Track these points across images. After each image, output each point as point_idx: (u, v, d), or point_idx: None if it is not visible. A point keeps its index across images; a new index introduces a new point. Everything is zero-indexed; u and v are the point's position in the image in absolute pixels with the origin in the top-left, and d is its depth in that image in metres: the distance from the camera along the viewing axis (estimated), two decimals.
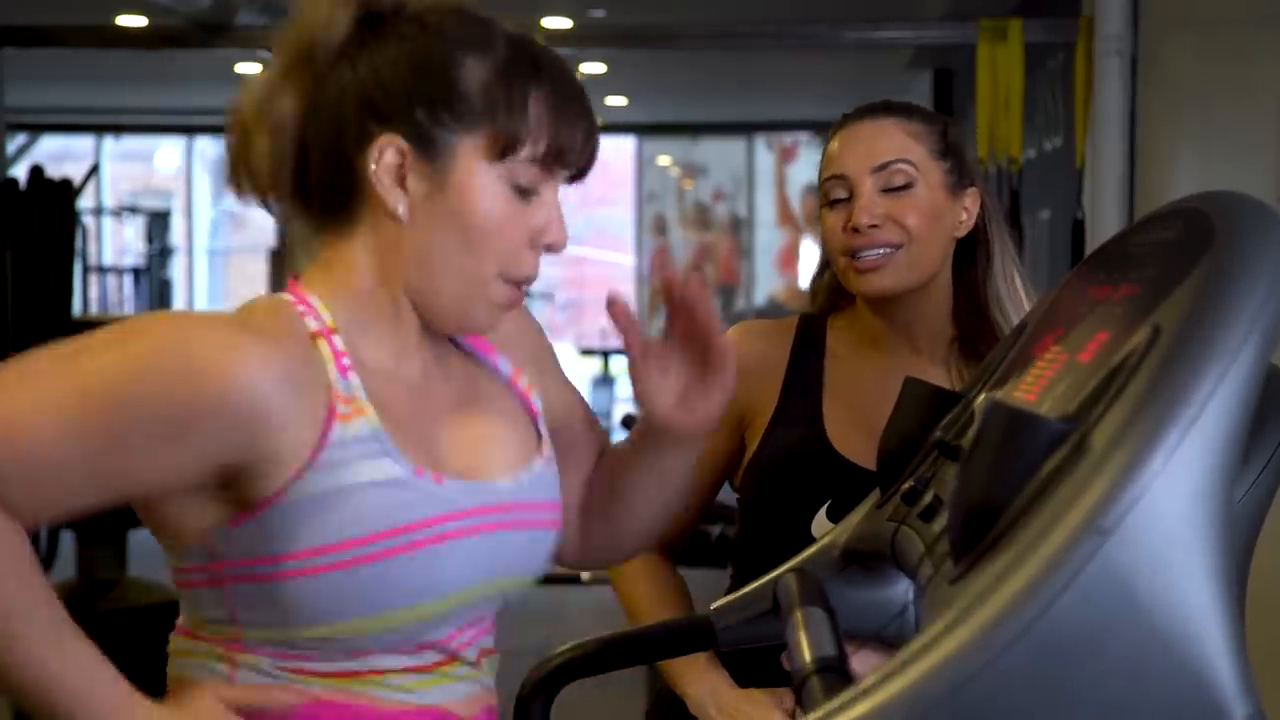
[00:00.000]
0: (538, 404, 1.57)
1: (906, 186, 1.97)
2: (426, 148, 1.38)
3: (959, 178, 2.01)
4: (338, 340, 1.40)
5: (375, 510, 1.36)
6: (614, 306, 1.47)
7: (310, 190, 1.42)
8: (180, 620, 1.46)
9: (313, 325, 1.39)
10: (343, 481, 1.36)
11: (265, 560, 1.35)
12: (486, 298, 1.43)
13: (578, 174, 1.46)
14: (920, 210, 1.97)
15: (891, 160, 1.98)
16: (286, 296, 1.42)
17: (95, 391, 1.29)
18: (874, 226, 1.96)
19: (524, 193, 1.41)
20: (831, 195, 2.01)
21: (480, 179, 1.39)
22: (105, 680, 1.32)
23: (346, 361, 1.40)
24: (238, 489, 1.35)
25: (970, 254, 2.03)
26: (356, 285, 1.43)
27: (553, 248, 1.44)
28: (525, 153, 1.40)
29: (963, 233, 2.02)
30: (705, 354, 1.52)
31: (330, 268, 1.44)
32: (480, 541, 1.43)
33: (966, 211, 2.02)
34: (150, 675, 1.46)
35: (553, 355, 1.67)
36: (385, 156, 1.38)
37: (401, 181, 1.39)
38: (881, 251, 1.96)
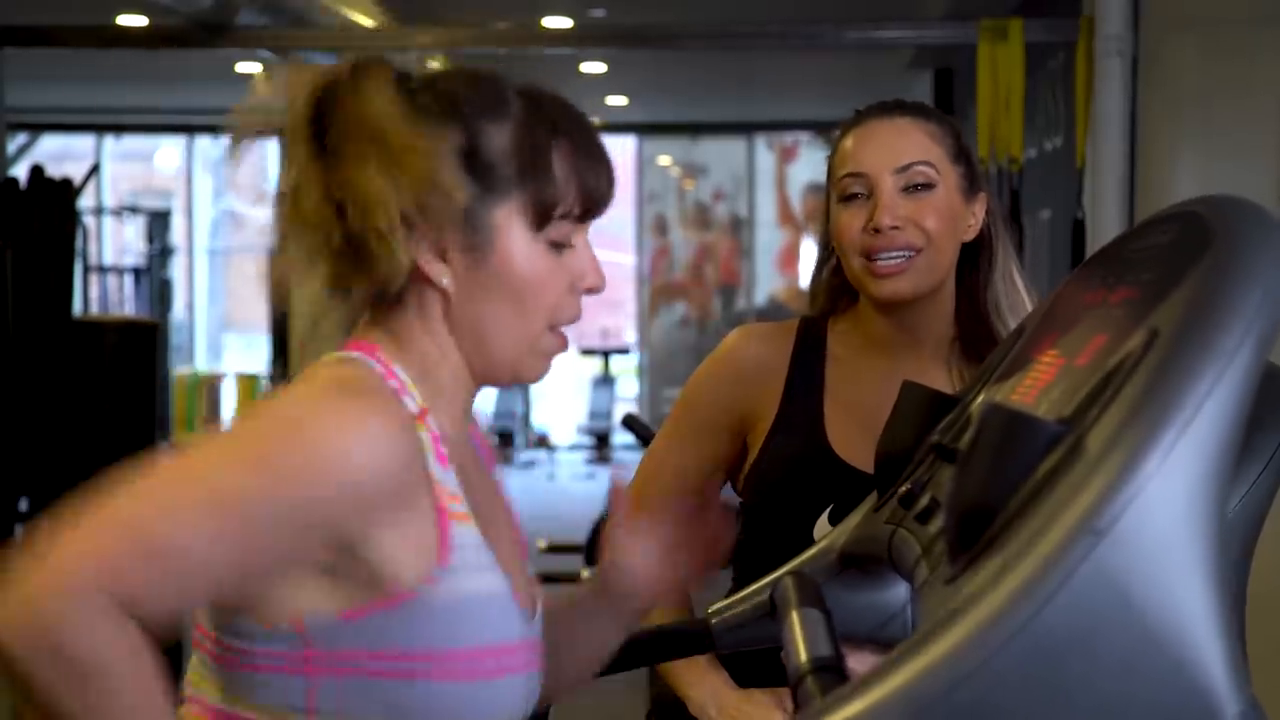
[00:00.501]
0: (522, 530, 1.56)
1: (928, 188, 1.96)
2: (463, 221, 1.36)
3: (971, 182, 2.00)
4: (432, 423, 1.37)
5: (493, 624, 1.36)
6: (615, 487, 1.57)
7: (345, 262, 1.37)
8: (211, 699, 1.38)
9: (410, 405, 1.36)
10: (469, 589, 1.34)
11: (390, 657, 1.32)
12: (538, 351, 1.43)
13: (601, 214, 1.45)
14: (940, 212, 1.95)
15: (914, 161, 1.96)
16: (375, 365, 1.38)
17: (229, 490, 1.25)
18: (895, 228, 1.94)
19: (559, 246, 1.40)
20: (847, 192, 1.99)
21: (520, 244, 1.38)
22: None
23: (444, 450, 1.37)
24: (350, 573, 1.31)
25: (972, 258, 2.03)
26: (425, 358, 1.40)
27: (592, 290, 1.44)
28: (561, 212, 1.39)
29: (970, 237, 2.01)
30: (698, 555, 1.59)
31: (396, 337, 1.40)
32: (528, 678, 1.43)
33: (975, 217, 2.01)
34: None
35: None
36: (426, 235, 1.35)
37: (442, 255, 1.37)
38: (902, 256, 1.94)
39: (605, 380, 13.80)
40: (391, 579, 1.31)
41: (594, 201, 1.41)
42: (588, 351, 14.22)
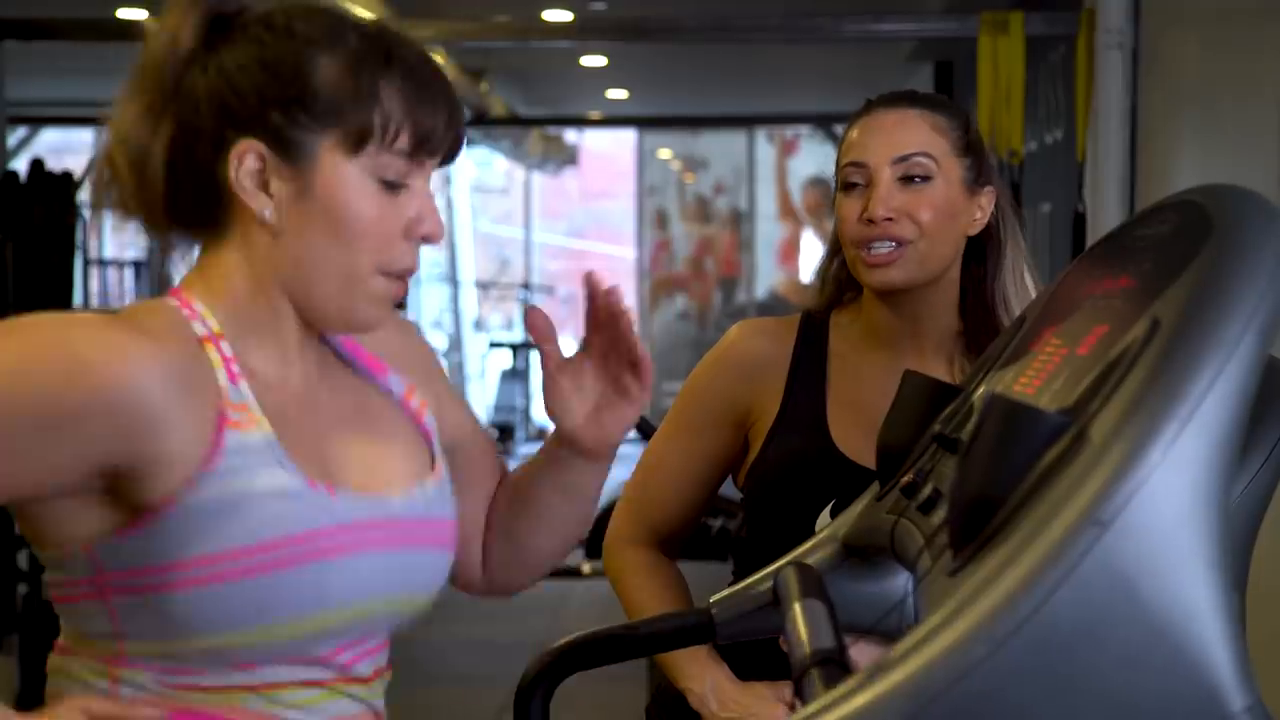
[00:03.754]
0: (431, 423, 1.55)
1: (925, 179, 1.96)
2: (286, 150, 1.36)
3: (977, 175, 2.00)
4: (225, 346, 1.38)
5: (268, 520, 1.35)
6: (532, 316, 1.48)
7: (178, 204, 1.40)
8: (59, 638, 1.43)
9: (200, 330, 1.38)
10: (236, 490, 1.34)
11: (154, 570, 1.33)
12: (367, 294, 1.41)
13: (445, 159, 1.44)
14: (935, 205, 1.96)
15: (912, 152, 1.96)
16: (171, 301, 1.40)
17: None
18: (888, 219, 1.94)
19: (392, 186, 1.39)
20: (848, 181, 1.99)
21: (345, 176, 1.37)
22: None
23: (236, 368, 1.38)
24: (123, 495, 1.32)
25: (980, 252, 2.03)
26: (236, 292, 1.40)
27: (429, 238, 1.42)
28: (390, 144, 1.38)
29: (975, 231, 2.01)
30: (625, 368, 1.52)
31: (208, 275, 1.41)
32: (372, 557, 1.41)
33: (981, 210, 2.01)
34: None
35: (444, 375, 1.65)
36: (245, 163, 1.36)
37: (265, 186, 1.37)
38: (892, 246, 1.95)
39: None
40: (156, 490, 1.32)
41: (425, 139, 1.39)
42: None
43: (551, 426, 1.56)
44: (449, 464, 1.55)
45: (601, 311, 1.50)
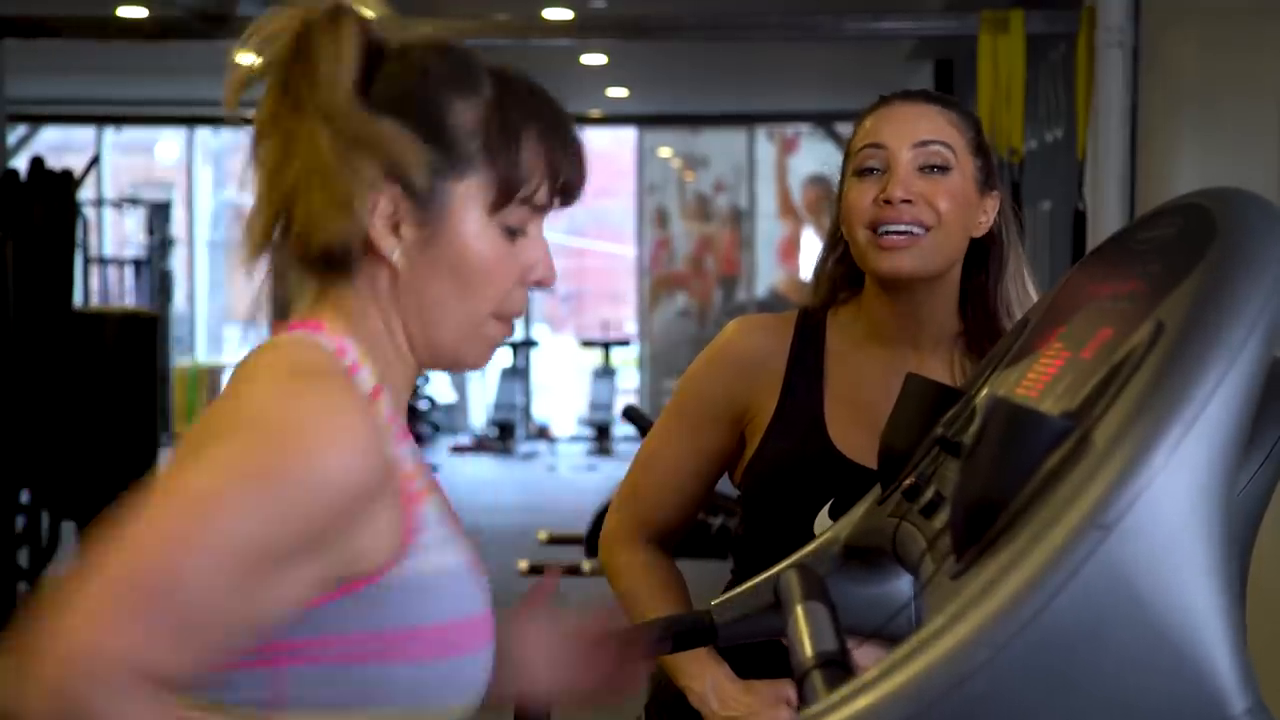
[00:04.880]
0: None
1: (944, 169, 1.94)
2: (419, 196, 1.34)
3: (986, 178, 2.00)
4: (386, 402, 1.36)
5: (455, 600, 1.34)
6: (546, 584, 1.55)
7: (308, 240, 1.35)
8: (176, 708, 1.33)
9: (365, 384, 1.35)
10: (433, 566, 1.33)
11: (359, 639, 1.30)
12: (482, 337, 1.40)
13: (568, 204, 1.43)
14: (953, 196, 1.94)
15: (933, 139, 1.95)
16: (329, 344, 1.35)
17: (238, 540, 1.21)
18: (907, 201, 1.92)
19: (513, 232, 1.38)
20: (864, 164, 1.96)
21: (473, 225, 1.36)
22: None
23: (397, 427, 1.36)
24: (328, 566, 1.28)
25: (981, 256, 2.02)
26: (375, 333, 1.38)
27: (542, 284, 1.41)
28: (528, 199, 1.37)
29: (980, 233, 2.00)
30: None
31: (344, 312, 1.37)
32: (491, 650, 1.40)
33: (986, 214, 2.00)
34: None
35: None
36: (380, 206, 1.34)
37: (395, 229, 1.35)
38: (909, 230, 1.92)
39: (606, 372, 13.80)
40: (362, 566, 1.29)
41: (562, 191, 1.39)
42: (588, 343, 14.22)
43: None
44: None
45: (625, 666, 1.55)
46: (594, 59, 9.78)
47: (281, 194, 1.34)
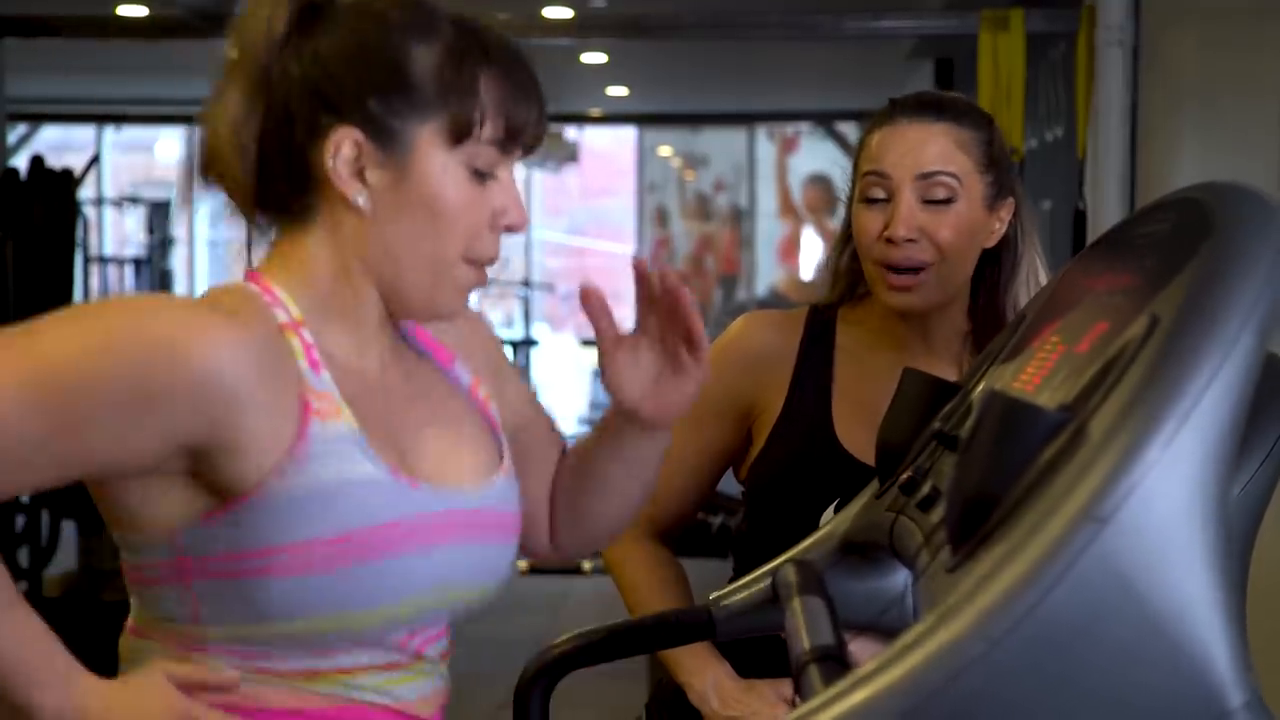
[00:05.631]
0: (496, 415, 1.57)
1: (947, 201, 1.93)
2: (382, 138, 1.38)
3: (999, 190, 1.98)
4: (306, 333, 1.39)
5: (355, 511, 1.36)
6: (587, 295, 1.49)
7: (268, 188, 1.42)
8: (130, 621, 1.44)
9: (281, 316, 1.39)
10: (323, 479, 1.35)
11: (240, 556, 1.34)
12: (452, 281, 1.43)
13: (528, 150, 1.46)
14: (957, 227, 1.93)
15: (937, 170, 1.93)
16: (251, 286, 1.41)
17: (57, 367, 1.27)
18: (910, 240, 1.92)
19: (482, 175, 1.41)
20: (869, 193, 1.96)
21: (440, 165, 1.39)
22: (48, 651, 1.32)
23: (317, 356, 1.39)
24: (209, 479, 1.34)
25: (995, 257, 2.01)
26: (318, 277, 1.42)
27: (513, 228, 1.44)
28: (482, 135, 1.40)
29: (993, 243, 1.99)
30: (681, 345, 1.53)
31: (288, 261, 1.43)
32: (447, 549, 1.43)
33: (1000, 222, 1.99)
34: None
35: (507, 361, 1.67)
36: (342, 150, 1.38)
37: (360, 174, 1.38)
38: (913, 269, 1.93)
39: None
40: (242, 477, 1.33)
41: (517, 130, 1.42)
42: (589, 342, 14.20)
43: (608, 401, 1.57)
44: (512, 445, 1.57)
45: (657, 290, 1.50)
46: (594, 58, 9.78)
47: (239, 145, 1.40)
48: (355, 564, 1.36)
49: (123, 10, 7.29)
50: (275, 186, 1.41)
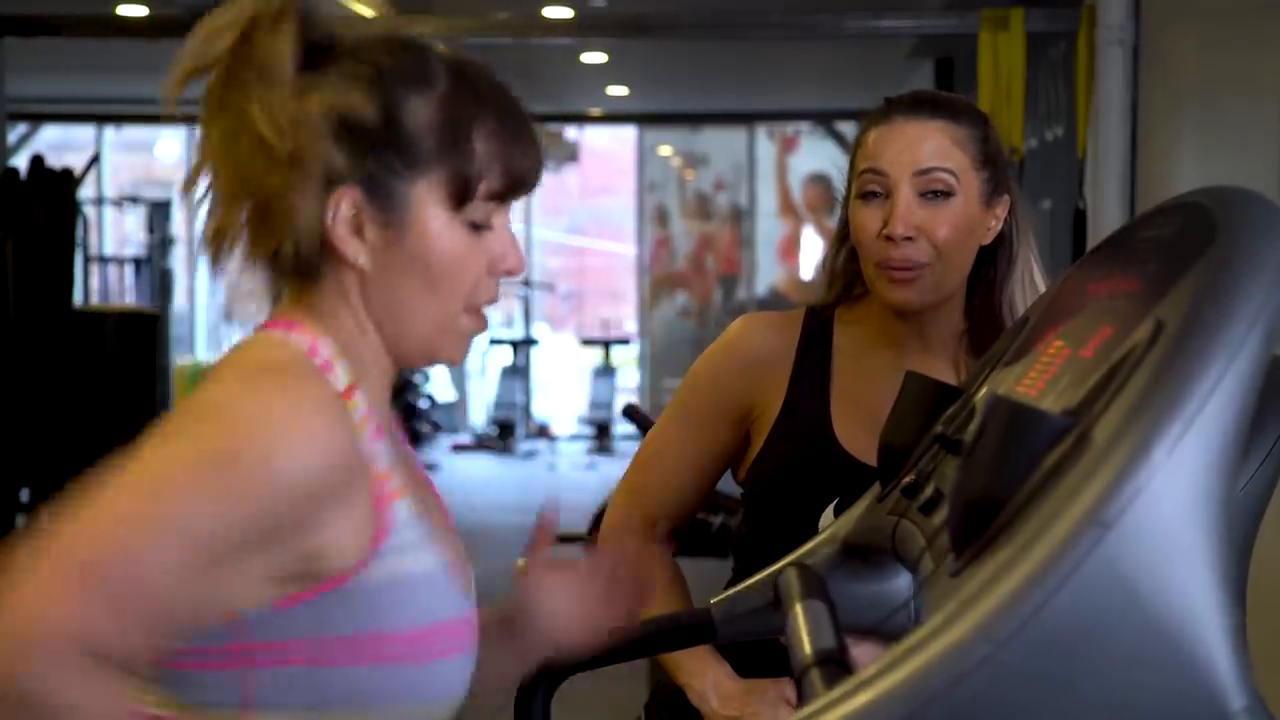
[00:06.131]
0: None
1: (945, 196, 1.93)
2: (379, 197, 1.34)
3: (995, 187, 1.98)
4: (360, 399, 1.35)
5: (429, 605, 1.34)
6: (544, 520, 1.53)
7: (282, 247, 1.35)
8: (144, 706, 1.25)
9: (336, 382, 1.34)
10: (404, 570, 1.33)
11: (320, 642, 1.30)
12: (455, 332, 1.41)
13: (526, 194, 1.43)
14: (954, 223, 1.93)
15: (934, 166, 1.93)
16: (298, 343, 1.35)
17: (185, 522, 1.22)
18: (908, 238, 1.92)
19: (478, 227, 1.38)
20: (866, 189, 1.96)
21: (437, 223, 1.36)
22: None
23: (373, 426, 1.35)
24: (291, 564, 1.28)
25: (991, 255, 2.01)
26: (345, 330, 1.38)
27: (510, 274, 1.42)
28: (481, 191, 1.37)
29: (989, 240, 1.99)
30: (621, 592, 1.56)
31: (314, 313, 1.38)
32: (470, 655, 1.41)
33: (996, 219, 1.98)
34: None
35: None
36: (341, 209, 1.34)
37: (358, 231, 1.35)
38: (911, 266, 1.93)
39: (606, 371, 13.80)
40: (328, 566, 1.29)
41: (517, 183, 1.39)
42: (588, 342, 14.22)
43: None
44: None
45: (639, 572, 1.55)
46: (594, 57, 9.78)
47: (238, 189, 1.34)
48: (428, 660, 1.34)
49: (123, 10, 7.29)
50: (289, 246, 1.35)
